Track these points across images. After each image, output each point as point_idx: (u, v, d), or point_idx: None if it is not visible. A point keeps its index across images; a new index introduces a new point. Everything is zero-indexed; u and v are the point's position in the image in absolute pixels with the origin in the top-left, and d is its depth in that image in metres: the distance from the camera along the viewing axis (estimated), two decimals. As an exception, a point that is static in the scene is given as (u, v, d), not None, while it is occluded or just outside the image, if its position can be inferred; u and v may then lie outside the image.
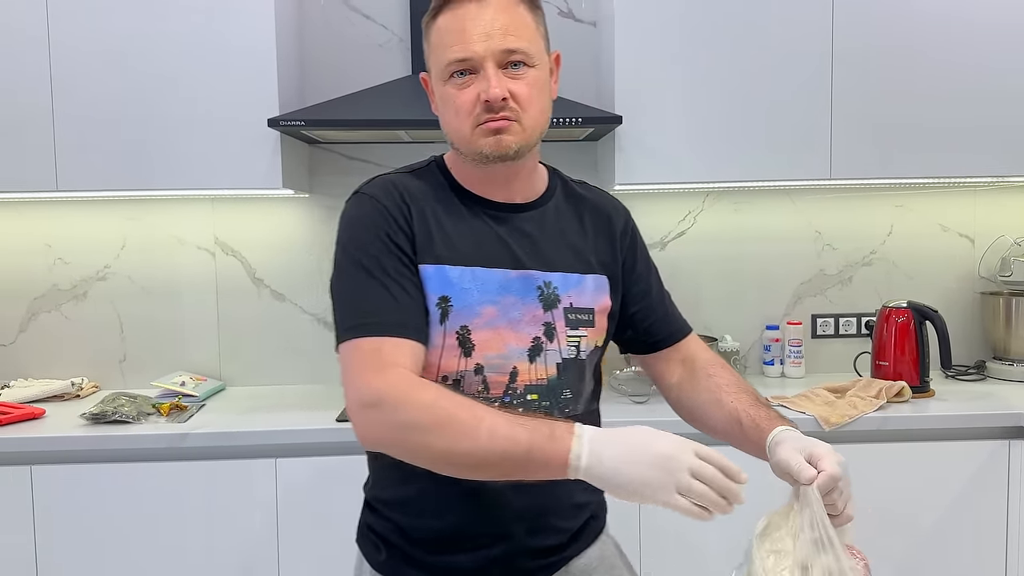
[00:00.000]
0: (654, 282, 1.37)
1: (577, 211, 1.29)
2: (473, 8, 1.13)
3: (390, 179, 1.22)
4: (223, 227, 2.62)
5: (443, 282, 1.15)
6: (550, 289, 1.21)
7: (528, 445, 0.99)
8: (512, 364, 1.18)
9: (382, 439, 1.07)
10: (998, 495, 2.15)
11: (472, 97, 1.13)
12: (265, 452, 2.08)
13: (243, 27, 2.21)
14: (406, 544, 1.23)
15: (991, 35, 2.34)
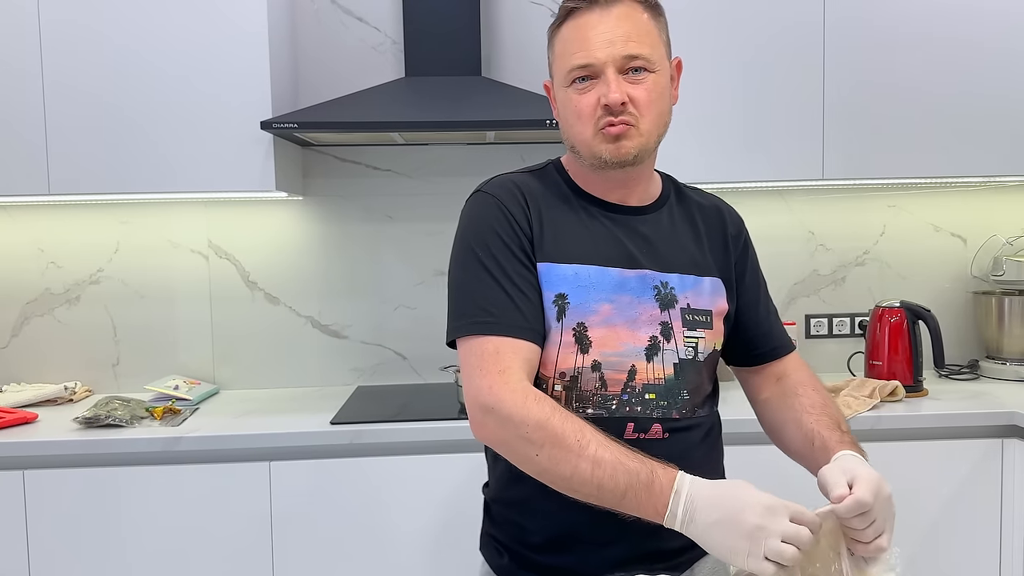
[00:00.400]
0: (763, 295, 1.38)
1: (692, 215, 1.32)
2: (595, 16, 1.17)
3: (510, 178, 1.26)
4: (216, 230, 2.62)
5: (560, 279, 1.19)
6: (667, 289, 1.23)
7: (625, 488, 1.03)
8: (630, 362, 1.19)
9: (493, 442, 1.14)
10: (992, 493, 2.16)
11: (593, 101, 1.17)
12: (259, 455, 2.07)
13: (236, 30, 2.21)
14: (524, 548, 1.25)
15: (982, 36, 2.35)
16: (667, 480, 1.03)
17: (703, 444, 1.26)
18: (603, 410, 1.19)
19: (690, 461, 1.17)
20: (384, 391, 2.54)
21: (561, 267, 1.20)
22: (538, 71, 2.63)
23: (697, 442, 1.24)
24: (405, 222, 2.65)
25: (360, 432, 2.07)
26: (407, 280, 2.66)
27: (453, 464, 2.09)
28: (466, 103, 2.26)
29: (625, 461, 1.04)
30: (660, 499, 1.02)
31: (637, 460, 1.05)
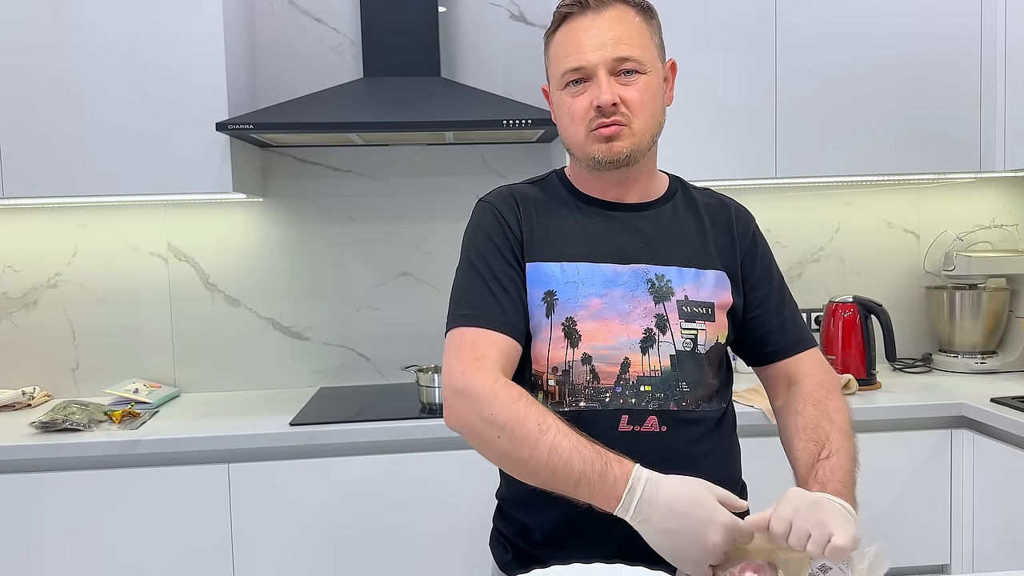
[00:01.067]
0: (774, 290, 1.35)
1: (697, 210, 1.33)
2: (588, 20, 1.21)
3: (509, 188, 1.33)
4: (176, 232, 2.60)
5: (548, 277, 1.23)
6: (662, 282, 1.25)
7: (579, 475, 1.06)
8: (623, 355, 1.21)
9: (461, 426, 1.17)
10: (942, 482, 2.21)
11: (586, 104, 1.20)
12: (217, 457, 2.07)
13: (191, 31, 2.21)
14: (526, 544, 1.28)
15: (931, 42, 2.41)
16: (621, 473, 1.06)
17: (708, 439, 1.25)
18: (596, 403, 1.21)
19: (692, 456, 1.21)
20: (347, 392, 2.54)
21: (550, 265, 1.24)
22: (497, 72, 2.65)
23: (699, 436, 1.24)
24: (366, 223, 2.65)
25: (317, 433, 2.07)
26: (369, 281, 2.66)
27: (414, 463, 2.10)
28: (424, 104, 2.27)
29: (582, 449, 1.07)
30: (613, 490, 1.05)
31: (593, 450, 1.08)
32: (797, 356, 1.33)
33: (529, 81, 2.64)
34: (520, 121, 2.17)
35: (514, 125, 2.17)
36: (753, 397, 2.23)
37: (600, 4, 1.20)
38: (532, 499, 1.21)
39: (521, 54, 2.66)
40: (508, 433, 1.11)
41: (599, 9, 1.20)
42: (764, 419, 2.13)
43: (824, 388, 1.28)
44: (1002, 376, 2.54)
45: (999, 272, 2.65)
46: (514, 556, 1.30)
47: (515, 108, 2.25)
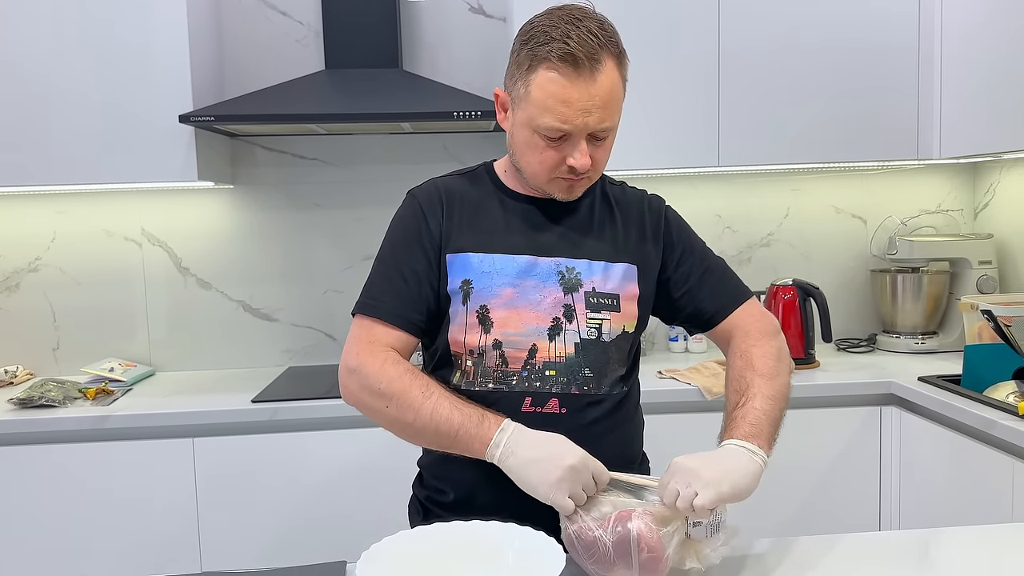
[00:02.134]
0: (697, 262, 1.41)
1: (612, 206, 1.41)
2: (581, 83, 1.20)
3: (436, 182, 1.40)
4: (149, 219, 2.72)
5: (467, 267, 1.32)
6: (572, 274, 1.33)
7: (458, 427, 1.19)
8: (531, 341, 1.30)
9: (352, 401, 1.28)
10: (871, 455, 2.33)
11: (559, 157, 1.26)
12: (182, 432, 2.19)
13: (157, 24, 2.31)
14: (438, 508, 1.39)
15: (873, 29, 2.50)
16: (495, 420, 1.20)
17: (608, 419, 1.34)
18: (503, 385, 1.31)
19: (591, 434, 1.30)
20: (314, 371, 2.66)
21: (469, 256, 1.32)
22: (457, 64, 2.74)
23: (599, 417, 1.32)
24: (333, 209, 2.76)
25: (278, 409, 2.20)
26: (335, 265, 2.78)
27: (373, 438, 2.22)
28: (381, 96, 2.37)
29: (462, 407, 1.21)
30: (487, 433, 1.18)
31: (473, 407, 1.22)
32: (731, 315, 1.39)
33: (488, 72, 2.74)
34: (470, 113, 2.27)
35: (465, 116, 2.27)
36: (691, 375, 2.35)
37: (593, 68, 1.19)
38: (447, 461, 1.33)
39: (481, 46, 2.76)
40: (395, 402, 1.23)
41: (592, 74, 1.19)
42: (700, 396, 2.25)
43: (752, 337, 1.35)
44: (940, 356, 2.65)
45: (941, 256, 2.75)
46: (425, 518, 1.41)
47: (467, 100, 2.35)
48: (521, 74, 1.24)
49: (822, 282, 2.65)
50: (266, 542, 2.22)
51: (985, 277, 2.67)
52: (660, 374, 2.42)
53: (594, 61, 1.19)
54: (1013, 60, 2.20)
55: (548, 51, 1.20)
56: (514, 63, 1.27)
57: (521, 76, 1.24)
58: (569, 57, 1.19)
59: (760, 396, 1.25)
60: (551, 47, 1.20)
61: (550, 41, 1.20)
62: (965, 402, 2.02)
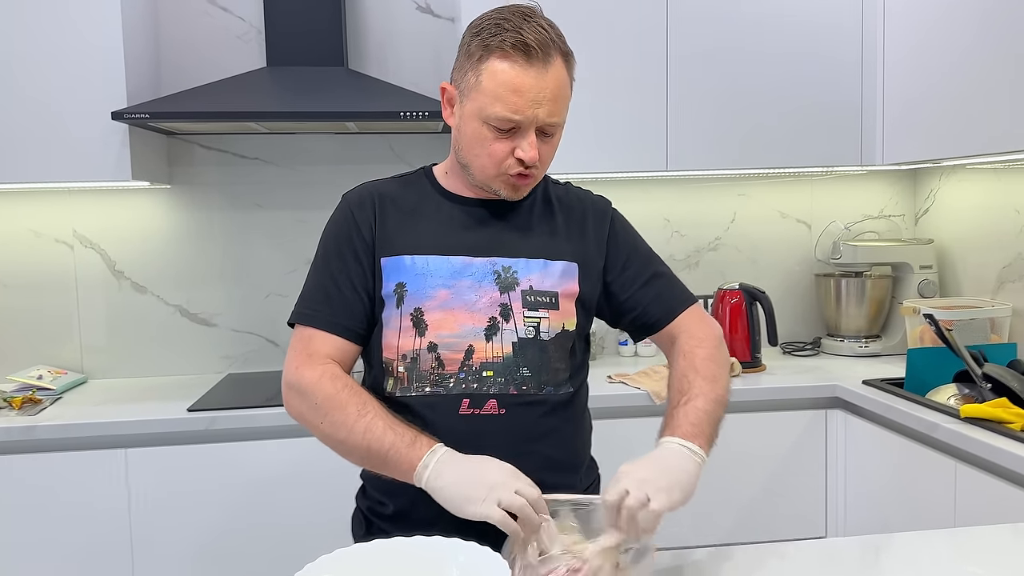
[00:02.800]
0: (642, 266, 1.41)
1: (553, 205, 1.39)
2: (533, 73, 1.20)
3: (370, 186, 1.37)
4: (81, 220, 2.60)
5: (400, 270, 1.29)
6: (508, 273, 1.31)
7: (389, 447, 1.16)
8: (467, 342, 1.27)
9: (294, 414, 1.27)
10: (817, 459, 2.34)
11: (507, 149, 1.24)
12: (115, 443, 2.10)
13: (90, 18, 2.21)
14: (379, 519, 1.35)
15: (820, 40, 2.52)
16: (427, 443, 1.16)
17: (548, 419, 1.31)
18: (440, 387, 1.28)
19: (531, 435, 1.28)
20: (254, 378, 2.58)
21: (402, 259, 1.30)
22: (404, 63, 2.69)
23: (538, 417, 1.30)
24: (275, 210, 2.69)
25: (216, 418, 2.12)
26: (278, 268, 2.70)
27: (314, 448, 2.14)
28: (325, 94, 2.31)
29: (395, 427, 1.18)
30: (417, 455, 1.15)
31: (406, 427, 1.18)
32: (675, 320, 1.38)
33: (435, 73, 2.70)
34: (417, 113, 2.22)
35: (411, 117, 2.22)
36: (641, 379, 2.34)
37: (546, 59, 1.20)
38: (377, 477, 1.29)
39: (429, 46, 2.71)
40: (329, 418, 1.21)
41: (545, 64, 1.20)
42: (649, 400, 2.23)
43: (695, 339, 1.35)
44: (883, 359, 2.69)
45: (883, 260, 2.79)
46: (367, 531, 1.38)
47: (413, 100, 2.30)
48: (472, 64, 1.23)
49: (768, 286, 2.66)
50: (202, 557, 2.14)
51: (926, 281, 2.71)
52: (610, 378, 2.41)
53: (546, 53, 1.20)
54: (952, 72, 2.24)
55: (501, 41, 1.20)
56: (464, 54, 1.26)
57: (472, 66, 1.23)
58: (522, 46, 1.19)
59: (702, 397, 1.24)
60: (504, 37, 1.20)
61: (502, 32, 1.20)
62: (908, 405, 2.05)
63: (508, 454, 1.15)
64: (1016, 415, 1.78)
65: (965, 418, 1.85)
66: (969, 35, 2.18)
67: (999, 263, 2.53)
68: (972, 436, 1.78)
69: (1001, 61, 2.06)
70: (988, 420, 1.81)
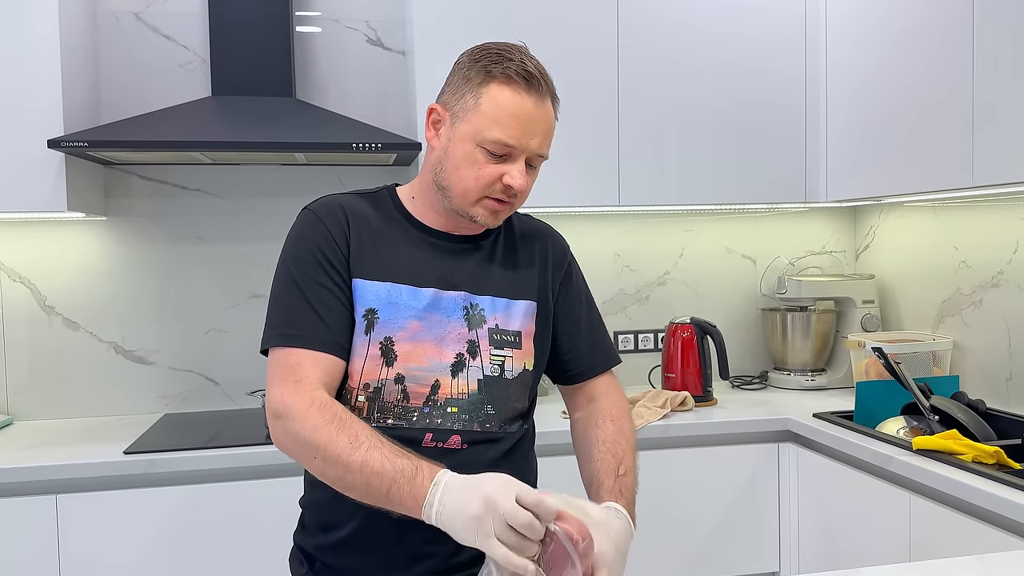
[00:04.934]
0: (584, 315, 1.43)
1: (515, 243, 1.38)
2: (531, 103, 1.23)
3: (337, 199, 1.33)
4: (9, 252, 2.47)
5: (372, 296, 1.26)
6: (476, 311, 1.30)
7: (391, 483, 1.08)
8: (434, 377, 1.26)
9: (281, 447, 1.20)
10: (770, 492, 2.35)
11: (496, 174, 1.24)
12: (45, 488, 1.97)
13: (24, 45, 2.11)
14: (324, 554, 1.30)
15: (764, 80, 2.59)
16: (429, 474, 1.07)
17: (507, 457, 1.31)
18: (403, 420, 1.25)
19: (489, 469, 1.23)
20: (193, 418, 2.47)
21: (374, 284, 1.26)
22: (354, 95, 2.66)
23: (499, 456, 1.30)
24: (216, 243, 2.60)
25: (154, 461, 2.01)
26: (219, 303, 2.61)
27: (259, 490, 2.06)
28: (272, 124, 2.26)
29: (394, 459, 1.09)
30: (420, 491, 1.06)
31: (406, 457, 1.10)
32: (599, 376, 1.43)
33: (386, 105, 2.67)
34: (370, 145, 2.19)
35: (364, 148, 2.19)
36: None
37: (544, 92, 1.25)
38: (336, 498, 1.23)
39: (380, 79, 2.69)
40: (321, 453, 1.13)
41: (543, 97, 1.25)
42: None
43: (619, 408, 1.39)
44: (829, 392, 2.73)
45: (827, 295, 2.85)
46: (310, 569, 1.32)
47: (366, 131, 2.27)
48: (471, 88, 1.24)
49: (715, 320, 2.68)
50: (139, 608, 2.02)
51: (868, 316, 2.77)
52: (564, 414, 2.37)
53: (544, 87, 1.26)
54: (894, 111, 2.32)
55: (505, 68, 1.23)
56: (461, 78, 1.26)
57: (471, 89, 1.24)
58: (525, 74, 1.23)
59: (632, 475, 1.28)
60: (508, 65, 1.23)
61: (505, 60, 1.24)
62: (860, 438, 2.07)
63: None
64: (967, 447, 1.81)
65: (917, 450, 1.88)
66: (909, 78, 2.26)
67: (939, 298, 2.60)
68: (926, 468, 1.80)
69: (941, 102, 2.14)
70: (940, 452, 1.84)
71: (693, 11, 2.54)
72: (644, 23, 2.50)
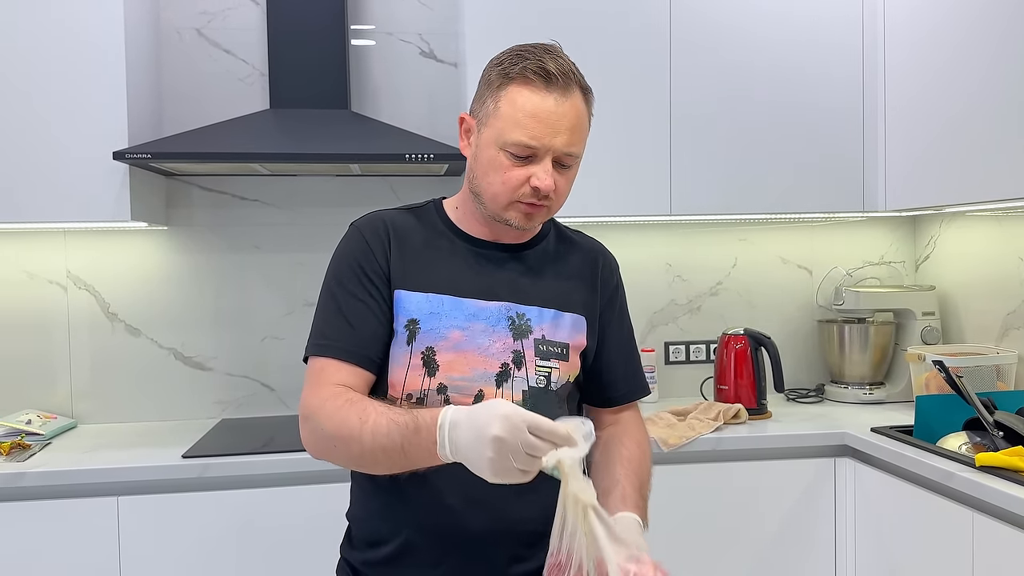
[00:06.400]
0: (624, 339, 1.43)
1: (565, 255, 1.38)
2: (552, 101, 1.20)
3: (380, 214, 1.35)
4: (76, 260, 2.56)
5: (414, 306, 1.26)
6: (522, 320, 1.29)
7: (401, 442, 1.08)
8: (478, 387, 1.25)
9: (312, 449, 1.21)
10: (826, 508, 2.30)
11: (523, 177, 1.22)
12: (106, 490, 2.03)
13: (93, 58, 2.19)
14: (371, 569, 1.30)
15: (821, 86, 2.54)
16: (431, 419, 1.07)
17: None
18: None
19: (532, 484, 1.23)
20: (249, 424, 2.52)
21: (416, 295, 1.27)
22: (407, 107, 2.69)
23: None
24: (273, 252, 2.65)
25: (210, 465, 2.05)
26: (275, 311, 2.66)
27: (312, 496, 2.09)
28: (327, 136, 2.30)
29: (395, 418, 1.10)
30: (429, 437, 1.06)
31: (405, 413, 1.10)
32: (630, 404, 1.44)
33: (438, 116, 2.70)
34: (423, 156, 2.21)
35: (417, 159, 2.21)
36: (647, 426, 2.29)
37: (567, 87, 1.21)
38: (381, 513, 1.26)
39: (433, 91, 2.72)
40: (338, 439, 1.15)
41: (565, 93, 1.21)
42: (656, 447, 2.18)
43: (644, 435, 1.42)
44: (888, 406, 2.66)
45: (886, 307, 2.78)
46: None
47: (418, 142, 2.29)
48: (491, 92, 1.24)
49: (769, 332, 2.63)
50: (195, 609, 2.06)
51: (929, 328, 2.70)
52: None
53: (566, 82, 1.22)
54: (954, 119, 2.26)
55: (522, 68, 1.21)
56: (484, 84, 1.27)
57: (491, 94, 1.24)
58: (543, 72, 1.20)
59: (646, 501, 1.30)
60: (524, 65, 1.21)
61: (523, 60, 1.22)
62: (920, 453, 2.01)
63: (510, 493, 1.10)
64: (1033, 464, 1.75)
65: (980, 467, 1.82)
66: (971, 83, 2.20)
67: (1003, 310, 2.52)
68: (989, 485, 1.74)
69: (1004, 108, 2.08)
70: (1005, 468, 1.78)
71: (747, 15, 2.51)
72: (697, 27, 2.48)
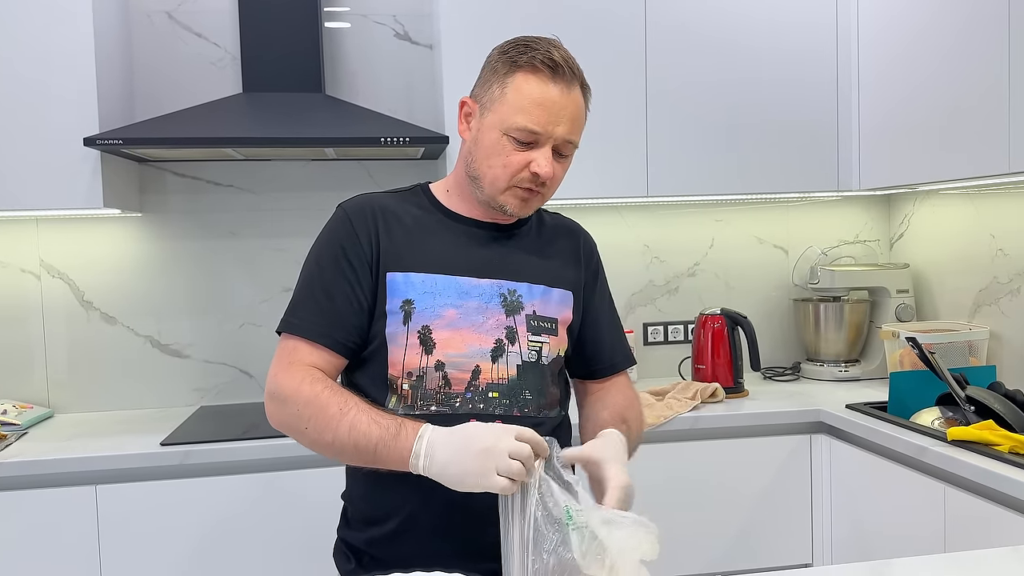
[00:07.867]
0: (607, 312, 1.49)
1: (549, 233, 1.43)
2: (558, 91, 1.26)
3: (369, 198, 1.37)
4: (49, 248, 2.53)
5: (408, 287, 1.29)
6: (514, 296, 1.33)
7: (377, 441, 1.15)
8: (474, 363, 1.29)
9: (276, 424, 1.26)
10: (803, 484, 2.33)
11: (523, 162, 1.27)
12: (84, 479, 2.02)
13: (60, 45, 2.16)
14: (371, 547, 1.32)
15: (793, 66, 2.55)
16: (413, 429, 1.15)
17: None
18: (447, 407, 1.28)
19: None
20: (228, 410, 2.51)
21: (410, 275, 1.30)
22: (383, 90, 2.67)
23: None
24: (249, 238, 2.64)
25: (190, 452, 2.05)
26: (252, 297, 2.64)
27: (294, 481, 2.09)
28: (301, 120, 2.28)
29: (378, 419, 1.17)
30: (406, 444, 1.13)
31: (390, 418, 1.18)
32: (617, 375, 1.48)
33: (414, 99, 2.68)
34: (399, 139, 2.20)
35: (392, 143, 2.20)
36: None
37: (571, 80, 1.27)
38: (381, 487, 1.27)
39: (407, 73, 2.70)
40: (312, 422, 1.20)
41: (570, 85, 1.27)
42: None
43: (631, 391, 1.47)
44: (863, 383, 2.70)
45: (861, 285, 2.82)
46: (357, 564, 1.34)
47: (394, 126, 2.28)
48: (498, 78, 1.28)
49: (746, 311, 2.65)
50: (176, 596, 2.06)
51: (903, 306, 2.73)
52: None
53: (571, 75, 1.27)
54: (926, 97, 2.28)
55: (530, 58, 1.26)
56: (489, 70, 1.31)
57: (497, 80, 1.28)
58: (550, 62, 1.25)
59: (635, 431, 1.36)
60: (533, 55, 1.26)
61: (531, 51, 1.26)
62: (894, 428, 2.04)
63: None
64: (1003, 437, 1.78)
65: (952, 441, 1.85)
66: (941, 61, 2.22)
67: (975, 287, 2.55)
68: (961, 459, 1.78)
69: (975, 86, 2.10)
70: (976, 443, 1.81)
71: (721, -6, 2.51)
72: (672, 9, 2.48)
